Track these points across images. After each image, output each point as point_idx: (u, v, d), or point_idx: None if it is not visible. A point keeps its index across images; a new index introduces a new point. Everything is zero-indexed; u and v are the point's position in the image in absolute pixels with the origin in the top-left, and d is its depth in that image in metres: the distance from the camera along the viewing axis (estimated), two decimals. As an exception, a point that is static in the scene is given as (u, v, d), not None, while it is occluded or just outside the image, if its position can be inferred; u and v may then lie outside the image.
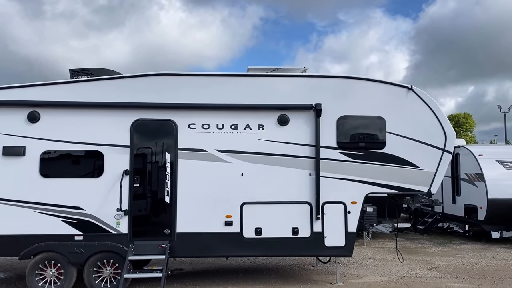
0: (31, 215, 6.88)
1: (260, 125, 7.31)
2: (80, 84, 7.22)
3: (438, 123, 7.40)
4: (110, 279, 6.98)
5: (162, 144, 7.23)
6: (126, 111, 7.14)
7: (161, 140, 7.23)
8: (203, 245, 7.09)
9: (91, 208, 6.95)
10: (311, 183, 7.24)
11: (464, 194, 12.68)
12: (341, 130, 7.35)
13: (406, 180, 7.37)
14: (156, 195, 7.14)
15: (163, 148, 7.21)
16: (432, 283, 7.69)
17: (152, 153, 7.23)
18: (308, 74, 7.78)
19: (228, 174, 7.21)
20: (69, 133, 7.03)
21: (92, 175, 7.06)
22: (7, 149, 6.92)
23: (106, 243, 6.92)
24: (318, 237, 7.20)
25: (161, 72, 7.34)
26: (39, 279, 6.91)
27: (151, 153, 7.22)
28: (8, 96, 7.04)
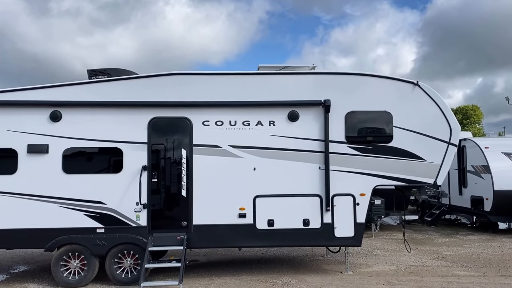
0: (55, 210, 7.26)
1: (271, 121, 7.61)
2: (99, 84, 7.56)
3: (443, 117, 7.64)
4: (130, 270, 7.34)
5: (178, 140, 7.56)
6: (143, 110, 7.47)
7: (177, 137, 7.56)
8: (219, 236, 7.43)
9: (112, 202, 7.31)
10: (321, 176, 7.53)
11: (471, 186, 12.90)
12: (349, 125, 7.62)
13: (412, 173, 7.63)
14: (173, 189, 7.48)
15: (179, 144, 7.54)
16: (438, 271, 7.97)
17: (169, 149, 7.56)
18: (316, 71, 8.04)
19: (241, 169, 7.52)
20: (89, 131, 7.38)
21: (112, 171, 7.42)
22: (31, 147, 7.29)
23: (126, 235, 7.29)
24: (328, 228, 7.50)
25: (176, 71, 7.65)
26: (64, 270, 7.29)
27: (167, 149, 7.55)
28: (31, 96, 7.41)
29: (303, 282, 7.29)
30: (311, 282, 7.26)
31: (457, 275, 7.73)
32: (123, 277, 7.32)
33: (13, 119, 7.34)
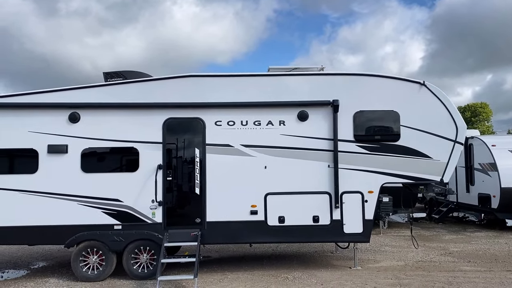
0: (74, 207, 7.56)
1: (281, 121, 7.84)
2: (115, 86, 7.85)
3: (449, 116, 7.83)
4: (146, 265, 7.63)
5: (192, 140, 7.82)
6: (158, 111, 7.74)
7: (191, 137, 7.83)
8: (231, 233, 7.69)
9: (129, 200, 7.60)
10: (330, 174, 7.76)
11: (478, 183, 13.04)
12: (357, 124, 7.84)
13: (419, 170, 7.83)
14: (187, 187, 7.76)
15: (192, 144, 7.80)
16: (445, 267, 8.17)
17: (183, 149, 7.83)
18: (325, 72, 8.25)
19: (253, 167, 7.77)
20: (106, 132, 7.67)
21: (129, 169, 7.70)
22: (51, 147, 7.60)
23: (142, 232, 7.57)
24: (337, 224, 7.73)
25: (189, 74, 7.92)
26: (83, 265, 7.59)
27: (181, 149, 7.82)
28: (51, 99, 7.71)
29: (313, 276, 7.53)
30: (321, 277, 7.50)
31: (464, 270, 7.92)
32: (140, 272, 7.61)
33: (34, 121, 7.64)
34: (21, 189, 7.55)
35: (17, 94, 7.78)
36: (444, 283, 6.94)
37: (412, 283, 7.00)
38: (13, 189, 7.53)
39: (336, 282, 7.11)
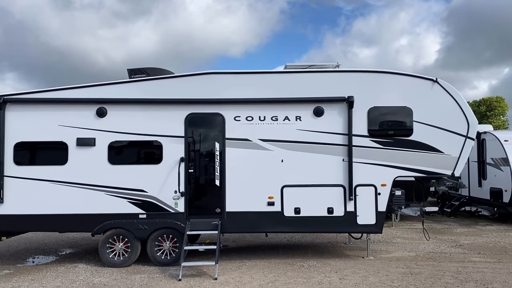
0: (101, 197, 8.01)
1: (297, 116, 8.17)
2: (140, 83, 8.25)
3: (461, 112, 8.07)
4: (169, 252, 8.07)
5: (212, 134, 8.20)
6: (180, 106, 8.13)
7: (211, 131, 8.21)
8: (249, 222, 8.07)
9: (153, 190, 8.03)
10: (345, 168, 8.08)
11: (490, 178, 13.22)
12: (371, 120, 8.12)
13: (431, 165, 8.10)
14: (208, 179, 8.16)
15: (212, 138, 8.18)
16: (456, 258, 8.46)
17: (203, 143, 8.22)
18: (340, 69, 8.54)
19: (270, 161, 8.12)
20: (131, 126, 8.09)
21: (153, 162, 8.11)
22: (80, 140, 8.05)
23: (166, 221, 8.00)
24: (351, 216, 8.06)
25: (210, 71, 8.27)
26: (110, 252, 8.06)
27: (202, 142, 8.21)
28: (80, 94, 8.16)
29: (327, 265, 7.89)
30: (335, 265, 7.85)
31: (473, 261, 8.20)
32: (163, 258, 8.05)
33: (64, 115, 8.09)
34: (52, 179, 8.02)
35: (48, 90, 8.23)
36: (453, 273, 7.24)
37: (422, 272, 7.31)
38: (45, 180, 8.01)
39: (350, 271, 7.46)
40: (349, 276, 7.13)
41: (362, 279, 6.94)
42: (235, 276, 7.25)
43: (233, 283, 6.81)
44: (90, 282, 7.06)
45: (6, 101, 8.06)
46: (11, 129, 8.08)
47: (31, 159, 8.17)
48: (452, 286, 6.51)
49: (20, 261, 8.89)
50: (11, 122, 8.09)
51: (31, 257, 9.23)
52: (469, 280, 6.80)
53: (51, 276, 7.46)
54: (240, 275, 7.31)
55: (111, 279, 7.18)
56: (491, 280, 6.82)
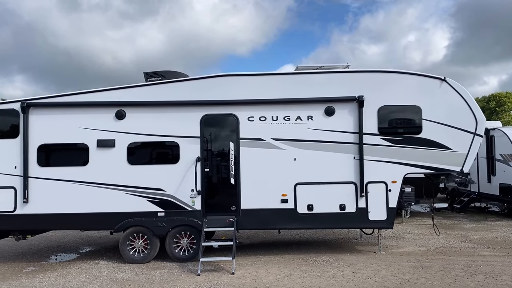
0: (122, 196, 8.33)
1: (309, 116, 8.42)
2: (157, 86, 8.55)
3: (469, 110, 8.27)
4: (187, 248, 8.38)
5: (226, 134, 8.48)
6: (196, 108, 8.41)
7: (226, 131, 8.49)
8: (264, 219, 8.35)
9: (170, 189, 8.33)
10: (356, 165, 8.32)
11: (499, 174, 13.36)
12: (381, 119, 8.35)
13: (440, 161, 8.31)
14: (223, 177, 8.45)
15: (227, 138, 8.46)
16: (465, 252, 8.66)
17: (219, 142, 8.51)
18: (350, 70, 8.77)
19: (283, 159, 8.38)
20: (149, 127, 8.40)
21: (170, 161, 8.41)
22: (100, 142, 8.38)
23: (183, 218, 8.31)
24: (362, 212, 8.30)
25: (224, 73, 8.57)
26: (130, 249, 8.39)
27: (217, 142, 8.50)
28: (99, 98, 8.48)
29: (340, 260, 8.14)
30: (348, 260, 8.10)
31: (483, 255, 8.40)
32: (181, 255, 8.36)
33: (84, 118, 8.42)
34: (74, 180, 8.36)
35: (69, 94, 8.56)
36: (463, 266, 7.46)
37: (433, 265, 7.54)
38: (67, 180, 8.35)
39: (362, 265, 7.71)
40: (362, 270, 7.38)
41: (374, 272, 7.19)
42: (251, 270, 7.54)
43: (250, 277, 7.10)
44: (113, 277, 7.38)
45: (30, 105, 8.41)
46: (34, 132, 8.43)
47: (54, 161, 8.50)
48: (462, 278, 6.74)
49: (44, 258, 9.25)
50: (34, 125, 8.44)
51: (53, 255, 9.59)
52: (479, 273, 7.01)
53: (75, 272, 7.81)
54: (256, 269, 7.60)
55: (133, 275, 7.50)
56: (500, 272, 7.03)
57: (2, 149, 8.41)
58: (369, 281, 6.73)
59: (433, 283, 6.52)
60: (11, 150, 8.41)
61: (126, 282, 7.08)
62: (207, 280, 7.01)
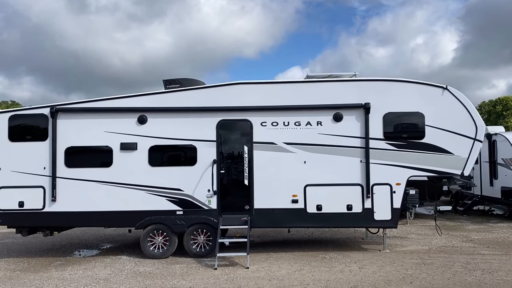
0: (143, 196, 8.93)
1: (318, 121, 8.97)
2: (176, 93, 9.16)
3: (469, 117, 8.78)
4: (203, 245, 8.95)
5: (241, 138, 9.06)
6: (212, 113, 9.00)
7: (240, 136, 9.07)
8: (275, 218, 8.91)
9: (188, 189, 8.92)
10: (362, 168, 8.86)
11: (501, 177, 13.82)
12: (386, 124, 8.88)
13: (442, 165, 8.82)
14: (237, 179, 9.02)
15: (241, 142, 9.03)
16: (466, 251, 9.16)
17: (233, 146, 9.09)
18: (358, 79, 9.32)
19: (293, 162, 8.94)
20: (169, 131, 8.99)
21: (188, 163, 9.00)
22: (123, 145, 8.98)
23: (200, 216, 8.89)
24: (368, 212, 8.83)
25: (238, 81, 9.14)
26: (150, 245, 8.98)
27: (232, 146, 9.09)
28: (123, 104, 9.10)
29: (347, 257, 8.68)
30: (354, 257, 8.63)
31: (482, 253, 8.90)
32: (198, 251, 8.93)
33: (109, 122, 9.04)
34: (99, 180, 8.97)
35: (94, 100, 9.20)
36: (462, 263, 7.97)
37: (434, 262, 8.06)
38: (92, 180, 8.97)
39: (368, 261, 8.24)
40: (368, 265, 7.92)
41: (379, 268, 7.73)
42: (264, 266, 8.10)
43: (264, 271, 7.66)
44: (136, 270, 7.97)
45: (58, 110, 9.05)
46: (62, 135, 9.05)
47: (80, 162, 9.10)
48: (460, 274, 7.26)
49: (68, 254, 9.87)
50: (62, 129, 9.07)
51: (76, 251, 10.21)
52: (477, 269, 7.53)
53: (100, 266, 8.40)
54: (268, 265, 8.15)
55: (154, 268, 8.09)
56: (497, 269, 7.54)
57: (32, 151, 9.05)
58: (374, 275, 7.27)
59: (434, 278, 7.04)
60: (40, 152, 9.04)
61: (149, 274, 7.67)
62: (224, 274, 7.59)
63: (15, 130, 9.14)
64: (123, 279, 7.39)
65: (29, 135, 9.17)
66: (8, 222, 9.19)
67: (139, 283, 7.10)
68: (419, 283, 6.76)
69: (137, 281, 7.26)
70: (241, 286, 6.82)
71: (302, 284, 6.83)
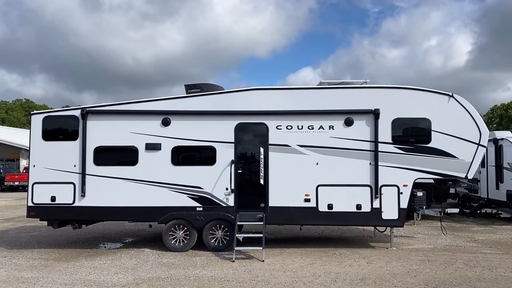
0: (166, 193, 9.60)
1: (330, 125, 9.56)
2: (198, 97, 9.82)
3: (474, 123, 9.30)
4: (221, 239, 9.59)
5: (257, 141, 9.68)
6: (231, 117, 9.64)
7: (257, 138, 9.69)
8: (289, 216, 9.51)
9: (208, 187, 9.56)
10: (371, 170, 9.42)
11: (507, 181, 14.24)
12: (395, 129, 9.44)
13: (447, 168, 9.35)
14: (254, 178, 9.63)
15: (258, 144, 9.66)
16: (469, 250, 9.67)
17: (250, 148, 9.72)
18: (368, 86, 9.88)
19: (307, 163, 9.54)
20: (191, 133, 9.65)
21: (208, 163, 9.64)
22: (148, 145, 9.66)
23: (218, 213, 9.52)
24: (376, 211, 9.39)
25: (255, 87, 9.79)
26: (172, 238, 9.64)
27: (249, 148, 9.72)
28: (148, 107, 9.78)
29: (356, 253, 9.25)
30: (363, 253, 9.21)
31: (484, 252, 9.41)
32: (216, 245, 9.57)
33: (134, 124, 9.72)
34: (125, 177, 9.66)
35: (121, 103, 9.90)
36: (465, 260, 8.50)
37: (438, 259, 8.60)
38: (119, 178, 9.66)
39: (376, 257, 8.81)
40: (375, 261, 8.49)
41: (386, 263, 8.29)
42: (279, 259, 8.71)
43: (278, 264, 8.27)
44: (160, 261, 8.63)
45: (88, 112, 9.76)
46: (91, 135, 9.76)
47: (108, 160, 9.79)
48: (462, 270, 7.79)
49: (93, 246, 10.58)
50: (91, 129, 9.78)
51: (101, 244, 10.91)
52: (477, 266, 8.06)
53: (126, 257, 9.08)
54: (282, 259, 8.76)
55: (176, 260, 8.74)
56: (496, 266, 8.06)
57: (64, 150, 9.78)
58: (381, 269, 7.84)
59: (436, 272, 7.59)
60: (71, 151, 9.76)
61: (172, 265, 8.32)
62: (241, 265, 8.21)
63: (48, 130, 9.88)
64: (149, 269, 8.05)
65: (61, 135, 9.90)
66: (41, 215, 9.92)
67: (164, 272, 7.76)
68: (422, 277, 7.31)
69: (162, 270, 7.92)
70: (258, 276, 7.44)
71: (314, 276, 7.43)
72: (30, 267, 8.37)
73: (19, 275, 7.72)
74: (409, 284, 6.92)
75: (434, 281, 7.05)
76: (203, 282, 7.11)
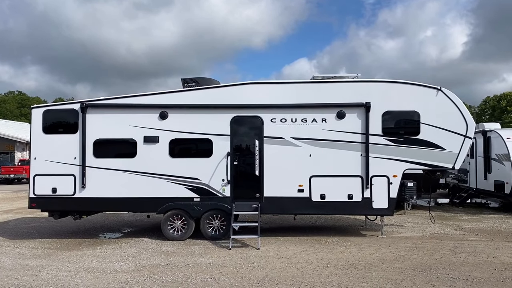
0: (164, 184, 9.90)
1: (323, 118, 9.88)
2: (194, 91, 10.09)
3: (461, 115, 9.67)
4: (218, 229, 9.93)
5: (252, 133, 9.99)
6: (227, 110, 9.93)
7: (252, 131, 10.00)
8: (283, 206, 9.87)
9: (205, 178, 9.88)
10: (362, 161, 9.78)
11: (494, 171, 14.70)
12: (385, 122, 9.78)
13: (435, 159, 9.73)
14: (249, 170, 9.95)
15: (253, 136, 9.96)
16: (455, 237, 10.09)
17: (246, 140, 10.03)
18: (359, 80, 10.21)
19: (300, 155, 9.87)
20: (188, 126, 9.94)
21: (205, 155, 9.94)
22: (146, 138, 9.94)
23: (215, 203, 9.86)
24: (367, 201, 9.77)
25: (250, 81, 10.07)
26: (170, 228, 9.97)
27: (245, 140, 10.03)
28: (146, 100, 10.04)
29: (347, 241, 9.64)
30: (354, 241, 9.60)
31: (470, 240, 9.83)
32: (213, 234, 9.92)
33: (133, 117, 9.98)
34: (124, 169, 9.95)
35: (120, 97, 10.15)
36: (450, 247, 8.92)
37: (425, 246, 9.01)
38: (118, 169, 9.95)
39: (366, 245, 9.20)
40: (366, 248, 8.88)
41: (376, 250, 8.69)
42: (273, 247, 9.07)
43: (273, 251, 8.64)
44: (159, 250, 8.97)
45: (87, 105, 10.01)
46: (91, 128, 10.02)
47: (107, 153, 10.06)
48: (447, 255, 8.20)
49: (93, 236, 10.89)
50: (91, 123, 10.03)
51: (101, 234, 11.23)
52: (462, 252, 8.47)
53: (126, 246, 9.41)
54: (277, 246, 9.13)
55: (175, 248, 9.08)
56: (480, 252, 8.48)
57: (64, 143, 10.03)
58: (370, 256, 8.23)
59: (423, 258, 8.00)
60: (71, 143, 10.02)
61: (171, 253, 8.66)
62: (238, 253, 8.57)
63: (48, 123, 10.12)
64: (149, 256, 8.39)
65: (61, 128, 10.15)
66: (42, 206, 10.20)
67: (164, 260, 8.10)
68: (409, 262, 7.71)
69: (162, 258, 8.26)
70: (254, 262, 7.80)
71: (307, 262, 7.81)
72: (34, 256, 8.67)
73: (24, 263, 8.03)
74: (397, 269, 7.31)
75: (420, 266, 7.45)
76: (201, 268, 7.46)
